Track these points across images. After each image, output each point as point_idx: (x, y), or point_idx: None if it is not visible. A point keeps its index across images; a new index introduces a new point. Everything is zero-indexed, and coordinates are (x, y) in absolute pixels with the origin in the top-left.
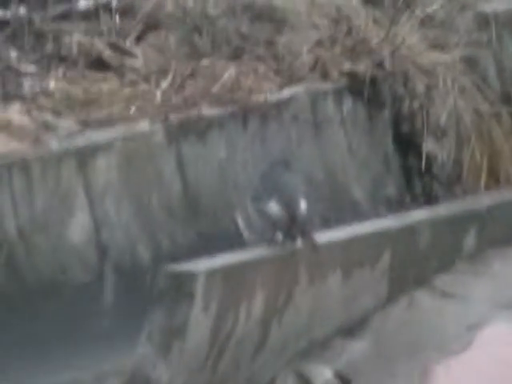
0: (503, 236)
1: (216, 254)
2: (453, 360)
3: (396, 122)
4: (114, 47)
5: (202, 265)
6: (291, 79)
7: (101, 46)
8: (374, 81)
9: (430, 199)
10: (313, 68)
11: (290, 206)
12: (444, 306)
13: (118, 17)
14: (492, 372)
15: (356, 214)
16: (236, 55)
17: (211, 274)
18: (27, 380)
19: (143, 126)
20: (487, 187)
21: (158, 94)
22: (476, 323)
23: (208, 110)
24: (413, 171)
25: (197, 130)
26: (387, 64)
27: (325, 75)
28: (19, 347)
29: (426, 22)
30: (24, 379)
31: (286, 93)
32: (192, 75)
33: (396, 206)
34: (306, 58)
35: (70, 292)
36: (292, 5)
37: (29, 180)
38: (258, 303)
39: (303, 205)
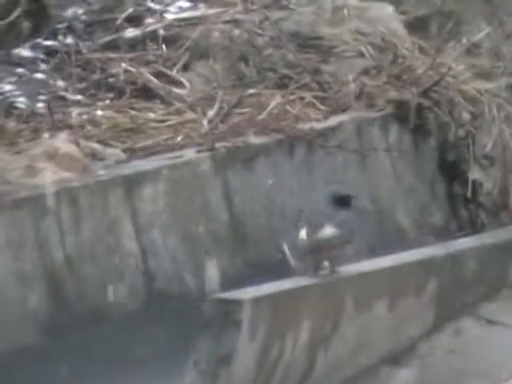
0: None
1: (262, 282)
2: None
3: (442, 149)
4: (161, 76)
5: (248, 293)
6: (337, 108)
7: (147, 75)
8: (419, 109)
9: (475, 227)
10: (359, 96)
11: (313, 232)
12: (490, 334)
13: (164, 45)
14: None
15: (402, 241)
16: (282, 84)
17: (258, 301)
18: None
19: (190, 154)
20: None
21: (205, 122)
22: None
23: (254, 139)
24: (459, 199)
25: (243, 158)
26: (433, 92)
27: (370, 103)
28: (68, 376)
29: (472, 50)
30: None
31: (332, 121)
32: (238, 104)
33: (442, 234)
34: (352, 87)
35: (118, 320)
36: (338, 33)
37: (76, 208)
38: (305, 331)
39: (328, 231)
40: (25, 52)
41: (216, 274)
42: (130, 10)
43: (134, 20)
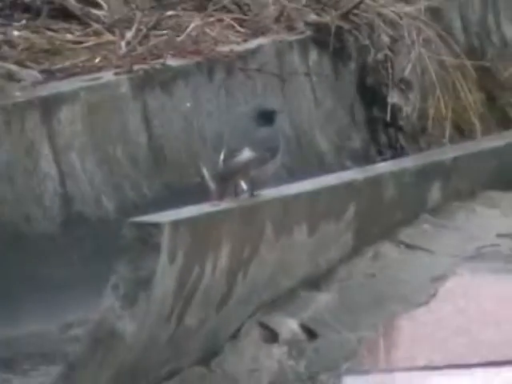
0: (467, 189)
1: (182, 206)
2: (417, 311)
3: (361, 73)
4: None
5: (167, 216)
6: (257, 30)
7: None
8: (339, 32)
9: (395, 152)
10: (278, 19)
11: (231, 156)
12: (408, 258)
13: None
14: (456, 323)
15: (321, 166)
16: (201, 6)
17: (177, 225)
18: None
19: (108, 76)
20: (452, 139)
21: (123, 44)
22: (440, 275)
23: (173, 61)
24: (378, 123)
25: (162, 80)
26: (353, 15)
27: (290, 26)
28: None
29: None
30: None
31: (252, 44)
32: (157, 26)
33: (361, 158)
34: (272, 9)
35: (35, 243)
36: None
37: None
38: (224, 255)
39: (246, 154)
40: None
41: (134, 197)
42: None
43: None
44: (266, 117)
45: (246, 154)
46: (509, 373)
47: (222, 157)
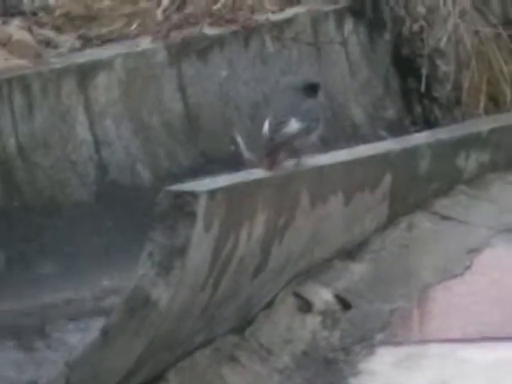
0: (503, 160)
1: (216, 174)
2: (451, 283)
3: (396, 44)
4: None
5: (203, 185)
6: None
7: None
8: (374, 2)
9: (429, 123)
10: None
11: (276, 125)
12: (443, 229)
13: None
14: (491, 295)
15: (356, 136)
16: None
17: (213, 194)
18: (28, 298)
19: (144, 44)
20: (486, 111)
21: (159, 11)
22: (475, 247)
23: (209, 30)
24: (413, 94)
25: (198, 49)
26: None
27: None
28: (18, 264)
29: None
30: (24, 298)
31: (288, 13)
32: None
33: (396, 129)
34: None
35: (70, 209)
36: None
37: (29, 96)
38: (259, 224)
39: (294, 125)
40: None
41: (170, 165)
42: None
43: None
44: (311, 89)
45: (294, 124)
46: None
47: (266, 127)
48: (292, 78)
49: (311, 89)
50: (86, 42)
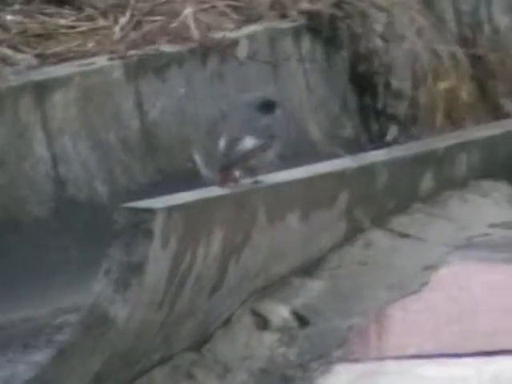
0: (459, 178)
1: (174, 192)
2: (409, 300)
3: (354, 61)
4: None
5: (160, 202)
6: (250, 17)
7: None
8: (332, 20)
9: (386, 140)
10: (272, 6)
11: (231, 142)
12: (400, 246)
13: None
14: (448, 311)
15: (313, 153)
16: None
17: (170, 211)
18: None
19: (101, 61)
20: (443, 128)
21: (117, 29)
22: (432, 264)
23: (167, 47)
24: (369, 111)
25: (155, 66)
26: (345, 4)
27: (283, 14)
28: None
29: None
30: None
31: (245, 31)
32: (151, 12)
33: (353, 146)
34: None
35: (28, 227)
36: None
37: None
38: (217, 241)
39: (249, 142)
40: None
41: (127, 182)
42: None
43: None
44: (268, 106)
45: (249, 141)
46: (500, 362)
47: (221, 144)
48: (249, 96)
49: (268, 106)
50: (43, 59)
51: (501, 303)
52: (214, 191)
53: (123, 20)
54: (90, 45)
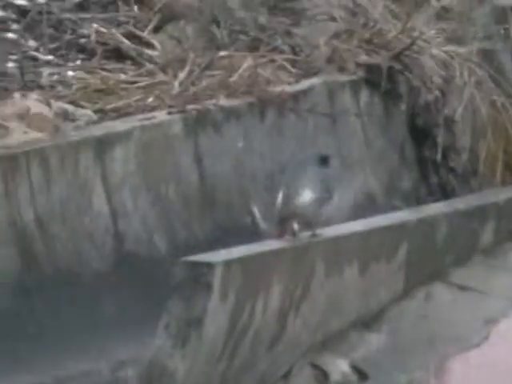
0: None
1: (232, 245)
2: (469, 353)
3: (412, 114)
4: (132, 37)
5: (219, 256)
6: (308, 71)
7: (119, 36)
8: (390, 73)
9: (445, 193)
10: (330, 60)
11: (289, 197)
12: (460, 299)
13: (136, 7)
14: (508, 366)
15: (372, 206)
16: (253, 47)
17: (229, 264)
18: (43, 368)
19: (161, 116)
20: (503, 180)
21: (176, 84)
22: (493, 317)
23: (225, 102)
24: (429, 164)
25: (214, 121)
26: (404, 57)
27: (342, 67)
28: (36, 336)
29: (443, 14)
30: (41, 368)
31: (303, 84)
32: (209, 66)
33: (411, 199)
34: (323, 50)
35: (87, 280)
36: None
37: (47, 169)
38: (275, 295)
39: (306, 196)
40: None
41: (186, 236)
42: None
43: None
44: (324, 161)
45: (308, 195)
46: None
47: (279, 197)
48: (307, 151)
49: (324, 160)
50: (103, 114)
51: None
52: (272, 244)
53: (182, 75)
54: (150, 99)
